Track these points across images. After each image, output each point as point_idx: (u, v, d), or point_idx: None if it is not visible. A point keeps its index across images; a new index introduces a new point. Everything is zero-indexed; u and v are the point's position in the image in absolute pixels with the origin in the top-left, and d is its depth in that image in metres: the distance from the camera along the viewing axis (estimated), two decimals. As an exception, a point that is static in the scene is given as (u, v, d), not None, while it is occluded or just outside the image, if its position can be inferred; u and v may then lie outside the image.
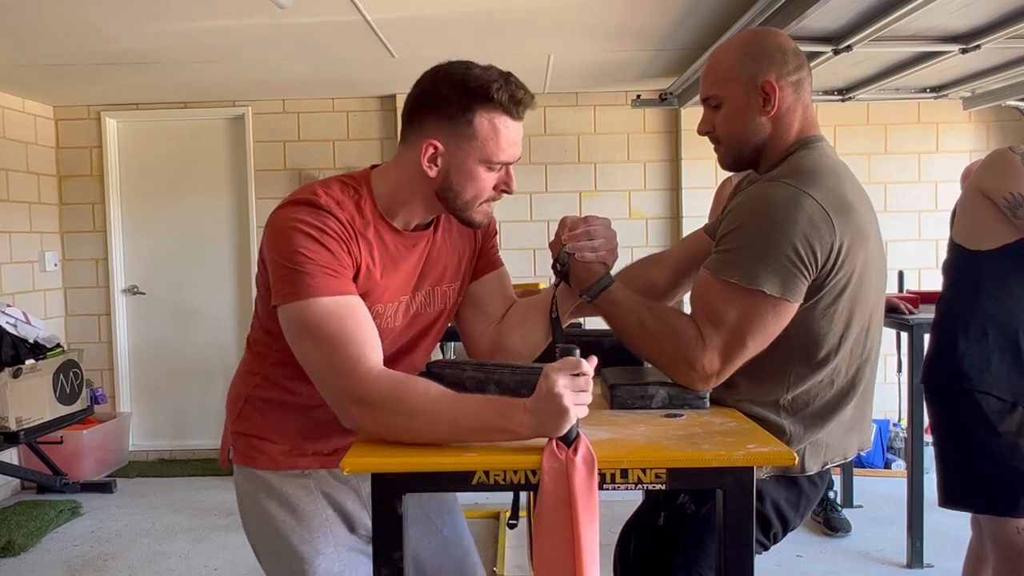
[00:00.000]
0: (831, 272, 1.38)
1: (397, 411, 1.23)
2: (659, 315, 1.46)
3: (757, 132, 1.49)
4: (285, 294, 1.31)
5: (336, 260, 1.32)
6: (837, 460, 1.53)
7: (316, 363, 1.31)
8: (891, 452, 4.44)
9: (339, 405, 1.29)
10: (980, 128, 4.69)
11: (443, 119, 1.36)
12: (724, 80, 1.49)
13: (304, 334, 1.31)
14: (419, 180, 1.40)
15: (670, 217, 4.77)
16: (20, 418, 3.75)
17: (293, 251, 1.30)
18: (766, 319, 1.37)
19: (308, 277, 1.29)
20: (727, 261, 1.39)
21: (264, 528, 1.51)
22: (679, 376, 1.43)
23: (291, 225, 1.32)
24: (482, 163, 1.38)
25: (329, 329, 1.28)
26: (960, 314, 2.05)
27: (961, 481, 2.07)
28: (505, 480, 1.19)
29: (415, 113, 1.41)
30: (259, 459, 1.50)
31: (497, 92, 1.35)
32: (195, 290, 4.92)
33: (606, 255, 1.52)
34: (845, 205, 1.39)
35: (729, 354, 1.39)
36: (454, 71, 1.38)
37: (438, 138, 1.37)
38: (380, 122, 4.79)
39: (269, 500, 1.49)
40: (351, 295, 1.33)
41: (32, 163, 4.61)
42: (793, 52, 1.49)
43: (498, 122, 1.36)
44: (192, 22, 3.15)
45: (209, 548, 3.53)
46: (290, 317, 1.32)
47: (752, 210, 1.41)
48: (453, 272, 1.57)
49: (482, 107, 1.35)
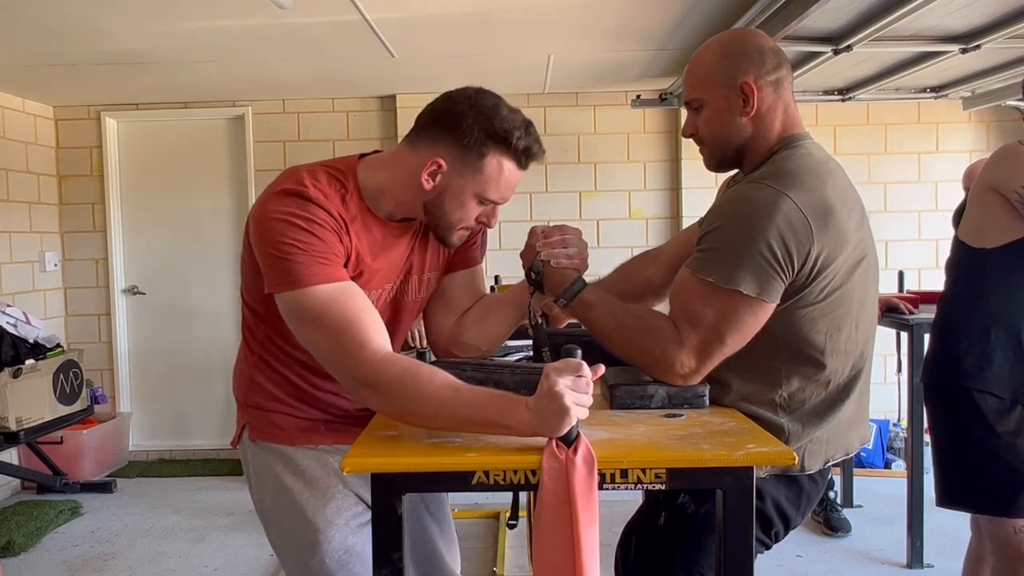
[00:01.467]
0: (811, 273, 1.39)
1: (402, 395, 1.26)
2: (636, 315, 1.48)
3: (738, 133, 1.50)
4: (280, 282, 1.34)
5: (329, 248, 1.35)
6: (839, 456, 1.53)
7: (323, 348, 1.34)
8: (891, 452, 4.44)
9: (350, 386, 1.34)
10: (980, 128, 4.69)
11: (458, 144, 1.39)
12: (704, 83, 1.51)
13: (306, 322, 1.34)
14: (412, 187, 1.43)
15: (670, 217, 4.77)
16: (20, 418, 3.75)
17: (284, 242, 1.33)
18: (743, 318, 1.38)
19: (302, 266, 1.32)
20: (706, 261, 1.40)
21: (281, 500, 1.53)
22: (658, 374, 1.45)
23: (280, 217, 1.34)
24: (476, 196, 1.43)
25: (331, 315, 1.31)
26: (962, 312, 2.04)
27: (959, 480, 2.06)
28: (505, 480, 1.19)
29: (432, 127, 1.43)
30: (276, 433, 1.55)
31: (517, 141, 1.39)
32: (195, 290, 4.92)
33: (579, 263, 1.55)
34: (825, 207, 1.39)
35: (706, 352, 1.41)
36: (484, 104, 1.40)
37: (446, 158, 1.40)
38: (380, 122, 4.79)
39: (285, 472, 1.53)
40: (347, 281, 1.36)
41: (32, 163, 4.61)
42: (772, 51, 1.50)
43: (506, 166, 1.41)
44: (192, 22, 3.15)
45: (209, 548, 3.54)
46: (289, 306, 1.35)
47: (732, 211, 1.43)
48: (437, 262, 1.62)
49: (497, 149, 1.39)
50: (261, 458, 1.56)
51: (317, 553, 1.50)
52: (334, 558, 1.49)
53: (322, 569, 1.50)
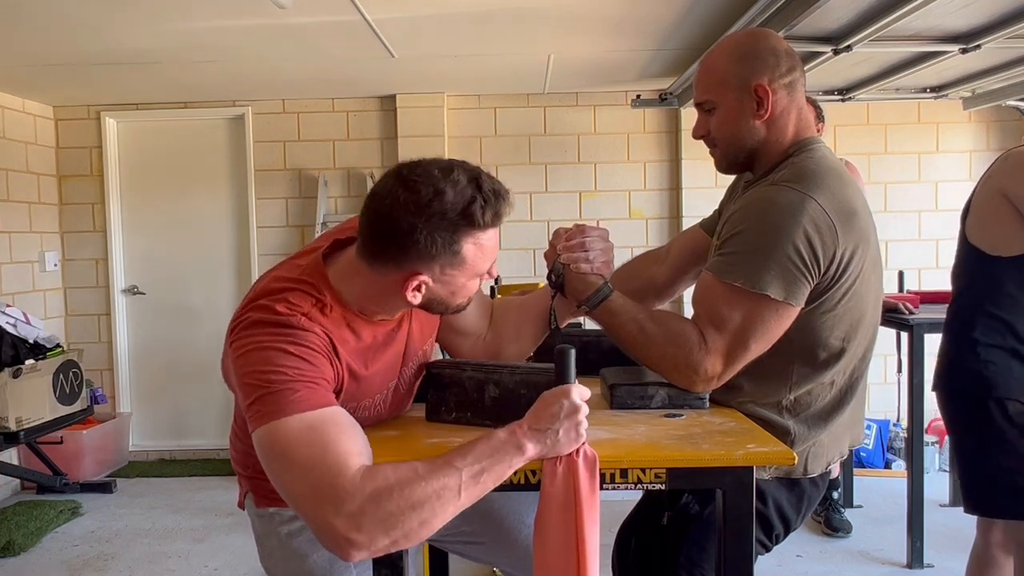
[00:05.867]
0: (834, 276, 1.38)
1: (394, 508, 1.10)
2: (660, 321, 1.45)
3: (752, 135, 1.48)
4: (263, 416, 1.17)
5: (320, 373, 1.22)
6: (835, 459, 1.53)
7: (297, 487, 1.14)
8: (891, 452, 4.44)
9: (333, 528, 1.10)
10: (980, 128, 4.68)
11: (426, 257, 1.24)
12: (717, 85, 1.49)
13: (282, 454, 1.15)
14: (399, 300, 1.30)
15: (670, 217, 4.77)
16: (20, 418, 3.75)
17: (269, 371, 1.18)
18: (769, 323, 1.37)
19: (290, 393, 1.16)
20: (731, 264, 1.38)
21: (290, 564, 1.52)
22: (681, 380, 1.43)
23: (265, 344, 1.20)
24: (471, 278, 1.31)
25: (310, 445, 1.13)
26: (977, 319, 2.00)
27: (988, 487, 2.02)
28: (505, 480, 1.19)
29: (388, 248, 1.25)
30: (279, 500, 1.41)
31: (480, 214, 1.22)
32: (195, 290, 4.92)
33: (602, 267, 1.50)
34: (849, 210, 1.38)
35: (732, 357, 1.39)
36: (422, 201, 1.20)
37: (423, 271, 1.26)
38: (380, 122, 4.79)
39: (296, 536, 1.51)
40: (334, 407, 1.21)
41: (32, 163, 4.61)
42: (786, 53, 1.48)
43: (483, 240, 1.27)
44: (192, 22, 3.15)
45: (209, 548, 3.53)
46: (265, 441, 1.17)
47: (757, 213, 1.40)
48: (430, 327, 1.54)
49: (466, 235, 1.24)
50: (266, 526, 1.55)
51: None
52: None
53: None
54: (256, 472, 1.50)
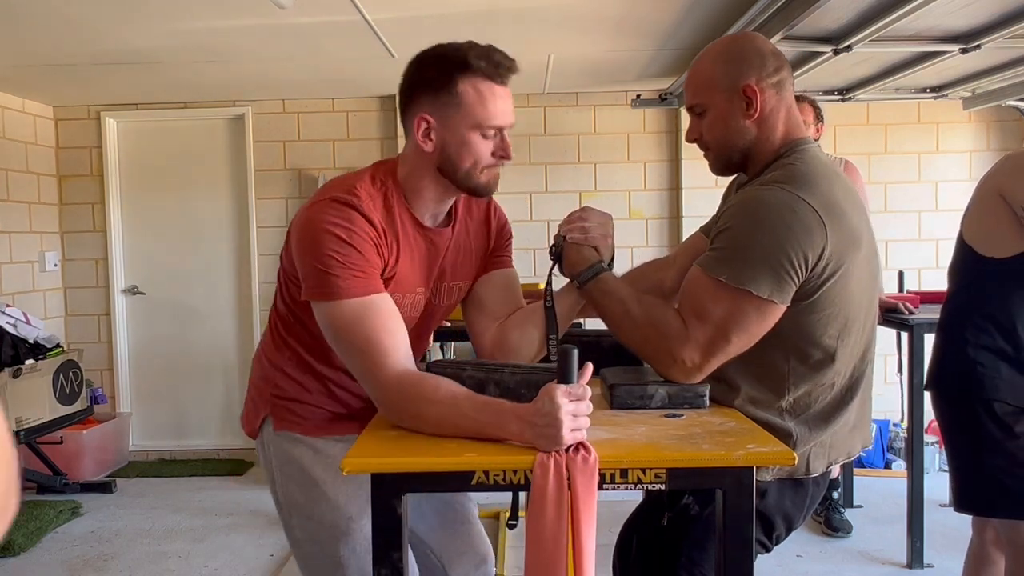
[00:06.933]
0: (822, 275, 1.38)
1: (407, 412, 1.33)
2: (646, 305, 1.48)
3: (743, 136, 1.50)
4: (316, 293, 1.39)
5: (365, 261, 1.38)
6: (842, 459, 1.53)
7: (348, 359, 1.41)
8: (891, 452, 4.44)
9: (369, 395, 1.41)
10: (980, 128, 4.68)
11: (429, 94, 1.42)
12: (705, 88, 1.51)
13: (336, 335, 1.40)
14: (422, 159, 1.46)
15: (670, 217, 4.77)
16: (20, 418, 3.75)
17: (323, 253, 1.36)
18: (750, 319, 1.38)
19: (338, 279, 1.36)
20: (718, 259, 1.41)
21: (310, 491, 1.55)
22: (659, 366, 1.46)
23: (322, 227, 1.37)
24: (474, 129, 1.42)
25: (356, 331, 1.37)
26: (969, 319, 2.01)
27: (979, 486, 2.03)
28: (505, 480, 1.19)
29: (405, 96, 1.47)
30: (303, 424, 1.58)
31: (475, 59, 1.39)
32: (195, 290, 4.92)
33: (598, 239, 1.57)
34: (838, 210, 1.39)
35: (711, 349, 1.41)
36: (432, 48, 1.45)
37: (427, 112, 1.42)
38: (380, 122, 4.79)
39: (315, 463, 1.56)
40: (378, 294, 1.39)
41: (32, 163, 4.61)
42: (772, 54, 1.50)
43: (482, 87, 1.41)
44: (192, 22, 3.15)
45: (209, 548, 3.53)
46: (322, 316, 1.40)
47: (747, 212, 1.42)
48: (467, 269, 1.64)
49: (463, 75, 1.40)
50: (287, 449, 1.58)
51: (349, 542, 1.52)
52: (365, 546, 1.49)
53: (352, 556, 1.52)
54: (279, 391, 1.58)
